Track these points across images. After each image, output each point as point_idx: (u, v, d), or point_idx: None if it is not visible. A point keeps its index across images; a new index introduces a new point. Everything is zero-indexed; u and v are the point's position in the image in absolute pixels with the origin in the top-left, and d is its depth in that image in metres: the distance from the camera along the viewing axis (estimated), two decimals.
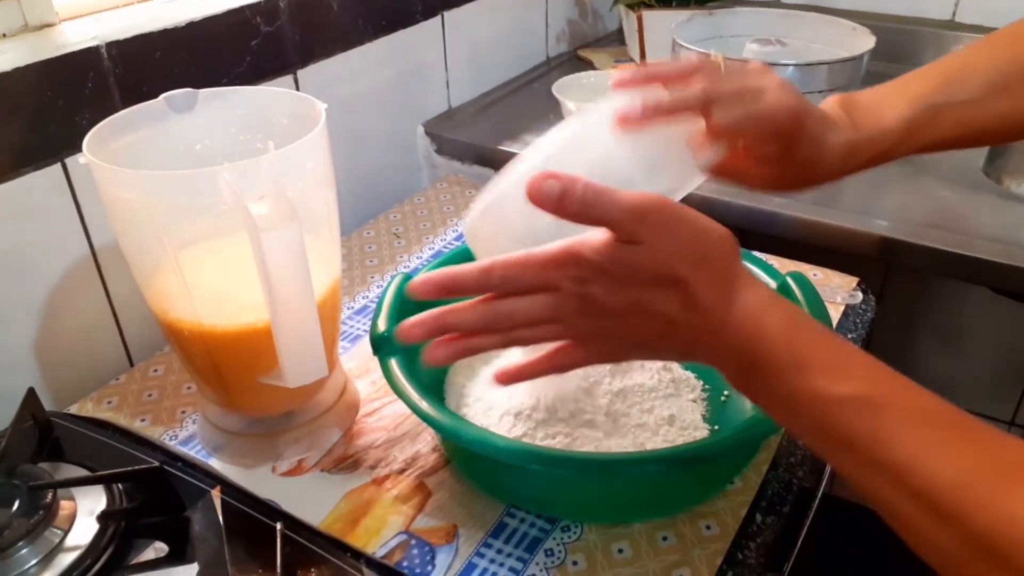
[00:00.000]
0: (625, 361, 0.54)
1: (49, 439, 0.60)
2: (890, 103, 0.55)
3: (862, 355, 0.39)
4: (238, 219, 0.48)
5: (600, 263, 0.39)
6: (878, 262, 0.87)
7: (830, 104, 0.55)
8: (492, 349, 0.43)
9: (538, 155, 0.50)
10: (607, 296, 0.40)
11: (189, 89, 0.60)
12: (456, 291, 0.42)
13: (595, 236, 0.40)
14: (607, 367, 0.62)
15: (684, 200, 0.48)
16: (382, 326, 0.59)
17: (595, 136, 0.48)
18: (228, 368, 0.58)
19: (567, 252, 0.40)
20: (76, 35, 0.69)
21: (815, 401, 0.37)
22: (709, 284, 0.39)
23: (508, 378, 0.45)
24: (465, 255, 0.69)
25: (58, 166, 0.68)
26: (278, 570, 0.50)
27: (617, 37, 1.45)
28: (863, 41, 1.03)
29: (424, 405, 0.53)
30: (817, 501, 0.71)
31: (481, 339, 0.43)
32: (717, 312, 0.39)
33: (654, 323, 0.40)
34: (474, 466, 0.59)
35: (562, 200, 0.39)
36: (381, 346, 0.58)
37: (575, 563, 0.53)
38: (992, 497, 0.32)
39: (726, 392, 0.66)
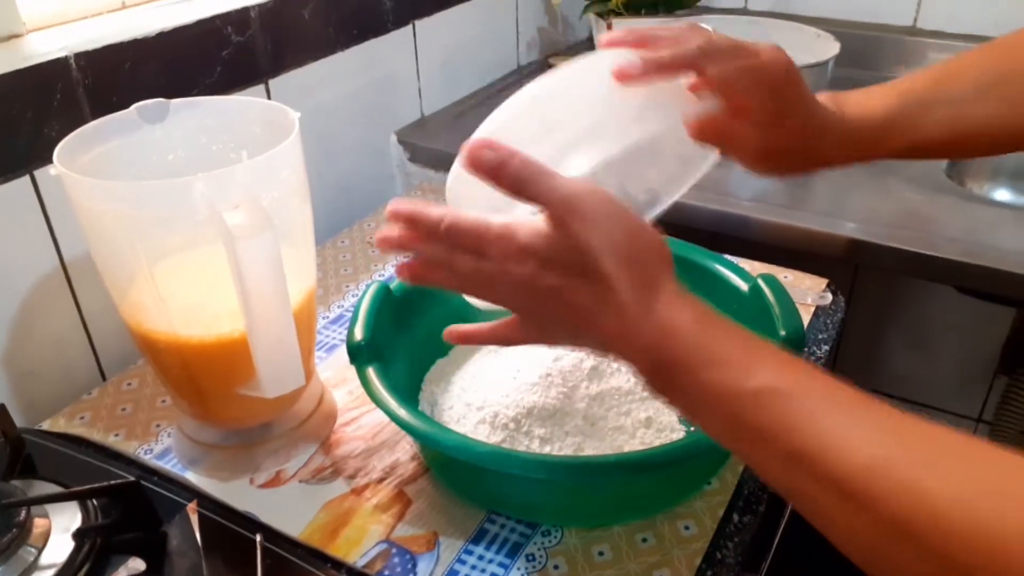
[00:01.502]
0: (554, 345, 0.54)
1: (21, 456, 0.59)
2: (879, 94, 0.56)
3: (774, 350, 0.39)
4: (213, 229, 0.48)
5: (529, 244, 0.40)
6: (847, 264, 0.89)
7: (820, 97, 0.56)
8: (445, 288, 0.45)
9: (522, 98, 0.49)
10: (532, 277, 0.40)
11: (160, 99, 0.60)
12: (414, 226, 0.43)
13: (528, 222, 0.41)
14: (584, 372, 0.63)
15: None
16: (359, 335, 0.59)
17: (586, 83, 0.48)
18: (204, 380, 0.58)
19: (505, 228, 0.41)
20: (44, 46, 0.68)
21: (726, 396, 0.37)
22: (629, 284, 0.39)
23: (456, 337, 0.49)
24: None
25: (27, 178, 0.67)
26: None
27: (587, 44, 1.47)
28: (828, 47, 1.05)
29: (403, 413, 0.53)
30: None
31: (436, 275, 0.44)
32: (632, 312, 0.39)
33: (572, 312, 0.41)
34: (454, 473, 0.59)
35: (496, 172, 0.40)
36: (358, 355, 0.58)
37: (556, 567, 0.54)
38: (905, 477, 0.32)
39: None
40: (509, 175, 0.40)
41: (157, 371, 0.61)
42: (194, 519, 0.55)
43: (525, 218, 0.41)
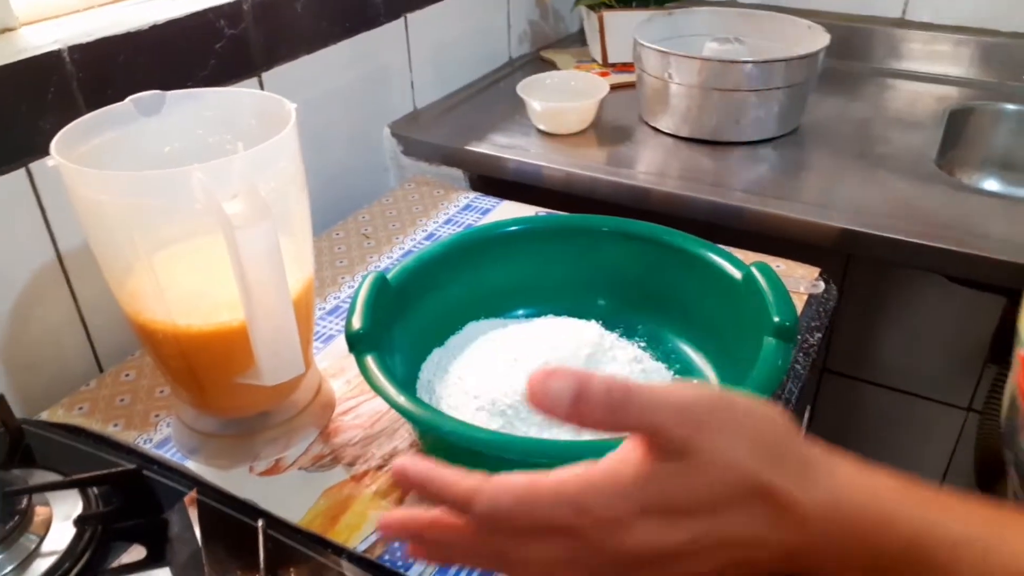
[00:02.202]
0: None
1: (21, 446, 0.60)
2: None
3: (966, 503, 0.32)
4: (211, 219, 0.48)
5: (641, 495, 0.30)
6: (839, 253, 0.90)
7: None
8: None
9: None
10: (659, 537, 0.30)
11: (156, 91, 0.60)
12: (433, 497, 0.33)
13: (618, 456, 0.31)
14: (581, 359, 0.63)
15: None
16: (357, 323, 0.60)
17: None
18: (203, 369, 0.58)
19: (588, 484, 0.30)
20: (37, 39, 0.68)
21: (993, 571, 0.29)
22: (795, 480, 0.30)
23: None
24: (436, 255, 0.70)
25: (23, 171, 0.67)
26: (261, 568, 0.50)
27: (579, 38, 1.47)
28: (818, 39, 1.06)
29: (402, 400, 0.54)
30: None
31: (467, 560, 0.35)
32: (816, 511, 0.30)
33: (735, 551, 0.31)
34: (452, 460, 0.59)
35: (577, 405, 0.30)
36: (356, 343, 0.59)
37: None
38: None
39: (695, 382, 0.67)
40: (598, 403, 0.30)
41: (156, 361, 0.61)
42: (194, 507, 0.56)
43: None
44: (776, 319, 0.59)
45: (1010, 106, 1.15)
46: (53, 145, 0.53)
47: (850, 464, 0.32)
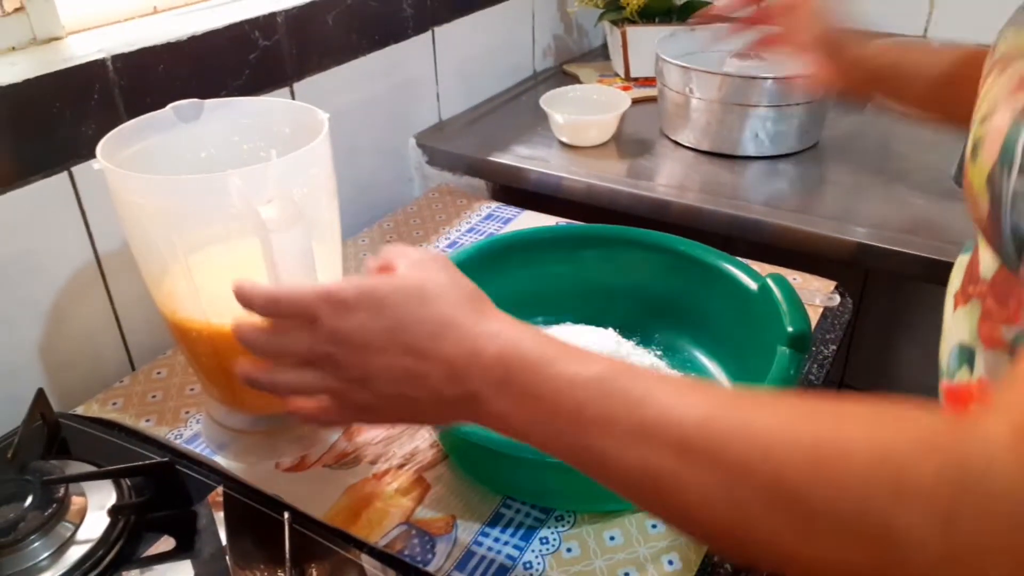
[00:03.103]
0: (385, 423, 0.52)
1: (57, 439, 0.62)
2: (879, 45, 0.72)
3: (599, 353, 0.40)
4: (247, 222, 0.51)
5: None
6: (857, 267, 0.90)
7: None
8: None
9: None
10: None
11: (195, 99, 0.63)
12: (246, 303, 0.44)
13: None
14: None
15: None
16: None
17: None
18: (235, 367, 0.60)
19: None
20: (82, 48, 0.71)
21: (575, 385, 0.37)
22: (465, 312, 0.41)
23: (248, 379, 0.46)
24: (458, 262, 0.72)
25: (65, 174, 0.70)
26: (287, 559, 0.52)
27: (602, 52, 1.49)
28: None
29: None
30: None
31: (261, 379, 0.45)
32: (475, 331, 0.40)
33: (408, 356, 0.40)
34: (472, 459, 0.61)
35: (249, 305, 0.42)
36: None
37: (569, 550, 0.56)
38: (737, 423, 0.33)
39: None
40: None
41: (189, 358, 0.63)
42: (222, 500, 0.58)
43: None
44: (790, 329, 0.60)
45: None
46: (99, 149, 0.55)
47: (505, 314, 0.42)
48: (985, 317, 0.45)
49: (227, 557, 0.53)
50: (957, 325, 0.48)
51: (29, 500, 0.53)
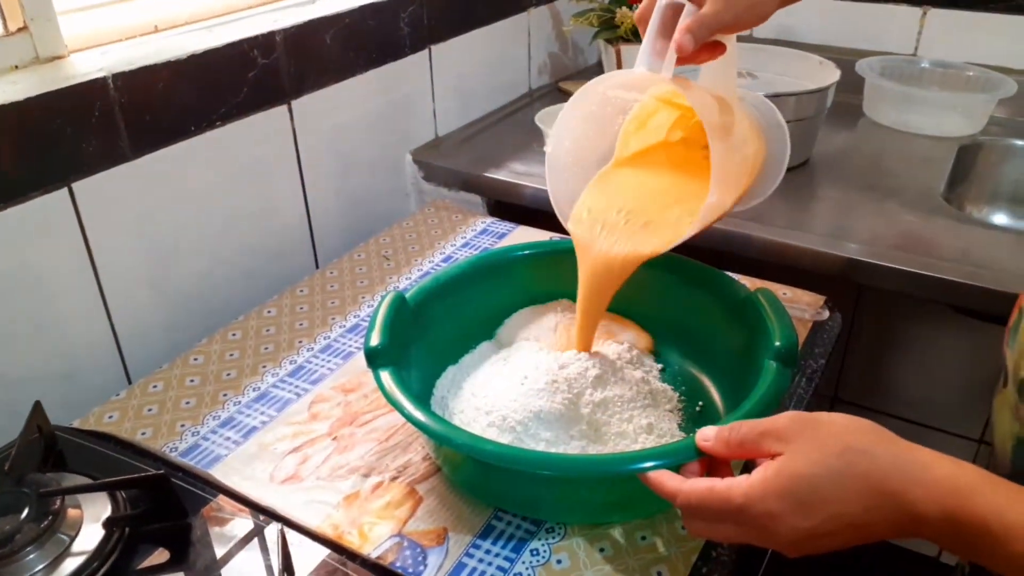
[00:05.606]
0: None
1: (53, 451, 0.63)
2: None
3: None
4: None
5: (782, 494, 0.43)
6: (847, 283, 0.91)
7: None
8: None
9: None
10: (798, 523, 0.43)
11: None
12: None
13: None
14: (589, 380, 0.65)
15: None
16: (375, 340, 0.62)
17: None
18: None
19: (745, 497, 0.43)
20: (84, 67, 0.72)
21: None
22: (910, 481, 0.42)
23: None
24: (453, 276, 0.73)
25: (65, 190, 0.71)
26: (279, 571, 0.52)
27: (597, 70, 1.51)
28: (829, 74, 1.08)
29: (417, 413, 0.56)
30: None
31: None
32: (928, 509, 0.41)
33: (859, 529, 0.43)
34: (464, 472, 0.62)
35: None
36: (375, 359, 0.61)
37: (559, 562, 0.56)
38: None
39: (700, 403, 0.69)
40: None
41: None
42: (216, 512, 0.58)
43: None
44: (777, 343, 0.61)
45: (1019, 142, 1.17)
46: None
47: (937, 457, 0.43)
48: None
49: (226, 569, 0.54)
50: None
51: (25, 512, 0.53)
